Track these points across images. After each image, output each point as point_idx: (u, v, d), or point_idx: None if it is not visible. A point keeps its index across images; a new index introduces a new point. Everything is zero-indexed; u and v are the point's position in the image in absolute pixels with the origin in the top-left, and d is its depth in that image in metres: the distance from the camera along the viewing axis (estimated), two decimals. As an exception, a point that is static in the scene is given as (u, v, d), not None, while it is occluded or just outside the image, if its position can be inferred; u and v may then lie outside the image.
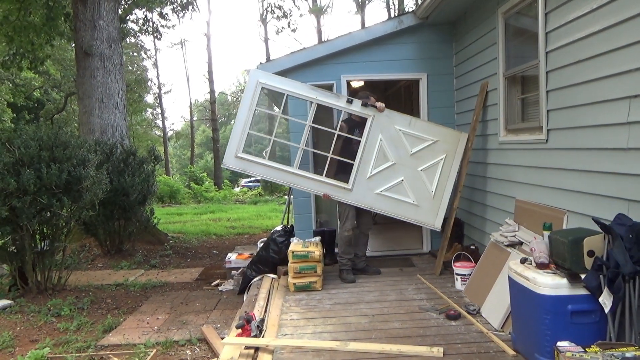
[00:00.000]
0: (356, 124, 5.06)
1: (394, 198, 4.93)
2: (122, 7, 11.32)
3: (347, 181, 4.94)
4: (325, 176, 5.00)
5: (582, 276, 2.70)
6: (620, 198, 2.93)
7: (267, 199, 21.71)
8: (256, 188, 26.58)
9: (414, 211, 4.94)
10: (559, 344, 2.53)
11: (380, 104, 4.92)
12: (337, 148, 5.03)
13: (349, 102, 4.92)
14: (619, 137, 2.94)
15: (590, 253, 2.74)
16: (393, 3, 26.93)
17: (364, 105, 4.90)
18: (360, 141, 4.95)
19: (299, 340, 3.43)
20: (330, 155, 4.99)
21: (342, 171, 5.01)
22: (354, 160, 4.94)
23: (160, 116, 35.63)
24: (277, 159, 5.28)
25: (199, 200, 21.66)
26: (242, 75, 51.89)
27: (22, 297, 5.68)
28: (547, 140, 3.81)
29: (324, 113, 5.36)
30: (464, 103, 5.72)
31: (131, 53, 25.28)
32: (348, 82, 6.09)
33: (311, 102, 5.01)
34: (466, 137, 4.92)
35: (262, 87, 5.04)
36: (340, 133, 5.00)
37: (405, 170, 4.92)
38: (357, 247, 5.21)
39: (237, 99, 51.18)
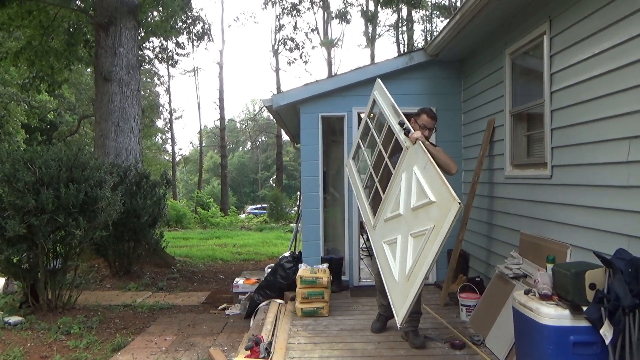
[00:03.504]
0: (399, 149, 4.07)
1: (386, 256, 3.84)
2: (140, 35, 11.72)
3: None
4: (369, 204, 4.44)
5: (584, 308, 2.79)
6: (621, 234, 3.04)
7: (272, 226, 21.78)
8: (262, 215, 26.71)
9: (392, 283, 3.65)
10: (561, 373, 2.60)
11: (414, 134, 3.81)
12: (383, 173, 4.22)
13: (401, 124, 4.00)
14: (619, 175, 3.07)
15: (592, 286, 2.83)
16: (403, 38, 27.54)
17: (406, 132, 3.87)
18: (392, 168, 4.08)
19: (307, 364, 3.51)
20: (376, 180, 4.30)
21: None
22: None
23: (170, 141, 36.15)
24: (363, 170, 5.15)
25: (205, 225, 21.77)
26: (252, 104, 52.74)
27: (33, 314, 5.77)
28: (551, 176, 3.94)
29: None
30: (471, 138, 5.89)
31: (145, 79, 25.88)
32: (359, 114, 6.28)
33: (386, 123, 4.39)
34: (457, 209, 3.09)
35: (374, 99, 4.68)
36: (386, 157, 4.19)
37: (403, 227, 3.71)
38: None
39: (246, 126, 51.90)
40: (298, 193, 8.57)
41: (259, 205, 34.72)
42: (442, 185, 3.32)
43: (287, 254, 6.09)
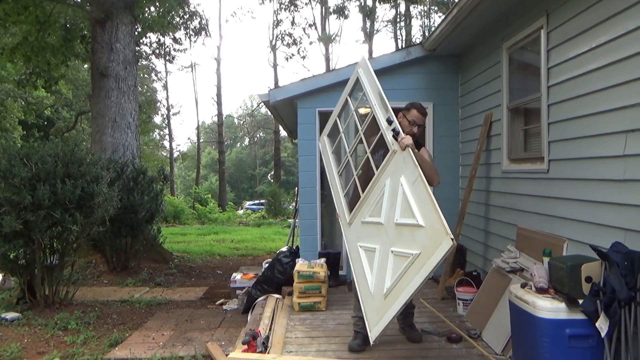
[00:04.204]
0: (384, 145, 3.73)
1: (362, 263, 3.66)
2: (137, 30, 11.68)
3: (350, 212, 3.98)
4: (345, 196, 4.18)
5: (580, 301, 2.80)
6: (617, 227, 3.05)
7: (270, 221, 21.81)
8: (259, 211, 26.73)
9: (367, 295, 3.52)
10: (557, 366, 2.61)
11: (404, 139, 3.46)
12: (364, 167, 3.98)
13: (389, 122, 3.63)
14: (616, 169, 3.08)
15: (588, 279, 2.84)
16: (400, 34, 27.50)
17: (394, 135, 3.53)
18: (374, 166, 3.75)
19: (304, 357, 3.52)
20: (355, 173, 4.02)
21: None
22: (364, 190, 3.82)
23: (167, 137, 36.08)
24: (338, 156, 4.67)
25: (202, 221, 21.78)
26: (250, 100, 52.70)
27: (30, 310, 5.77)
28: (548, 170, 3.95)
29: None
30: (468, 132, 5.89)
31: (142, 75, 25.77)
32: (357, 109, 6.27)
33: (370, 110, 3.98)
34: (449, 246, 2.92)
35: (357, 78, 4.19)
36: (369, 152, 3.87)
37: (383, 238, 3.49)
38: None
39: (243, 122, 51.87)
40: (296, 188, 8.56)
41: (257, 201, 34.75)
42: (433, 212, 3.08)
43: (284, 248, 6.10)
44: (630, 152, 2.94)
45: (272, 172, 34.95)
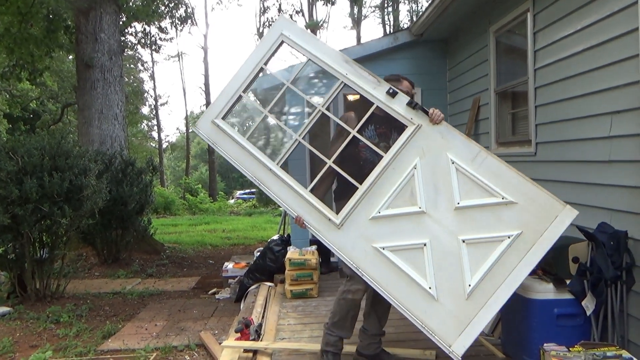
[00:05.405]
0: (375, 119, 3.21)
1: (399, 268, 2.91)
2: (122, 20, 11.53)
3: (338, 211, 3.13)
4: (311, 191, 3.23)
5: (567, 281, 2.84)
6: (604, 208, 3.09)
7: (261, 210, 21.80)
8: (251, 200, 26.71)
9: (424, 305, 2.84)
10: (545, 345, 2.66)
11: (436, 111, 3.01)
12: (348, 151, 3.20)
13: (391, 94, 3.09)
14: (601, 150, 3.11)
15: (575, 259, 2.89)
16: (388, 19, 27.39)
17: (411, 105, 3.06)
18: (374, 145, 3.12)
19: (297, 344, 3.55)
20: (330, 161, 3.17)
21: (342, 192, 3.19)
22: (360, 178, 3.05)
23: (156, 128, 35.78)
24: (263, 147, 3.41)
25: (193, 211, 21.71)
26: (238, 88, 52.27)
27: (21, 304, 5.74)
28: (535, 153, 3.98)
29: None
30: (456, 117, 5.91)
31: (128, 65, 25.46)
32: (345, 95, 6.26)
33: (338, 80, 3.30)
34: (572, 215, 2.73)
35: (282, 42, 3.48)
36: (343, 126, 3.22)
37: (436, 230, 2.90)
38: (368, 318, 3.33)
39: (232, 111, 51.55)
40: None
41: (247, 190, 34.62)
42: (526, 185, 2.79)
43: (276, 237, 6.10)
44: (615, 133, 2.98)
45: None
